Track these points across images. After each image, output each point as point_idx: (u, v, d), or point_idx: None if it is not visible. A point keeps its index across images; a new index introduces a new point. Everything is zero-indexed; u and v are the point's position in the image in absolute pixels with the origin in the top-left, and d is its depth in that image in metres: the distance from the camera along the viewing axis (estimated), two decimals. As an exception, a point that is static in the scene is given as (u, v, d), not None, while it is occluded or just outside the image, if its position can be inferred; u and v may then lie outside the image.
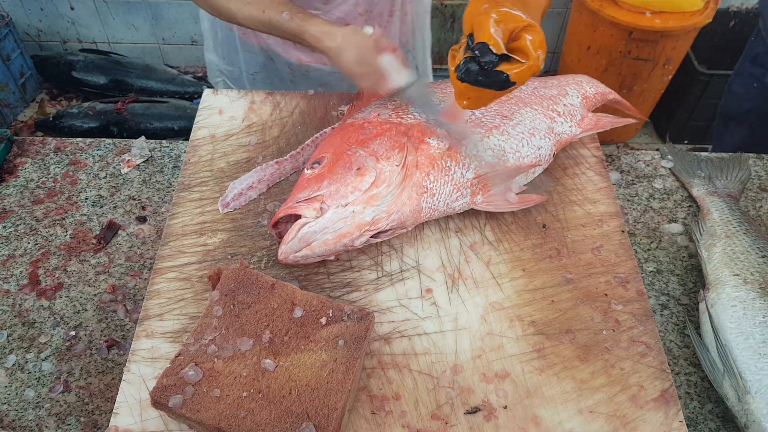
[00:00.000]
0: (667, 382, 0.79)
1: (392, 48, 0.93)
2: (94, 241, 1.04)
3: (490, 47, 0.75)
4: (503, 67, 0.75)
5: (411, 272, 0.89)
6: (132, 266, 1.00)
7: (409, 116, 0.96)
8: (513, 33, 0.77)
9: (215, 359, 0.72)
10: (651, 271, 1.02)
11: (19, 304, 0.96)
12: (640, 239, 1.06)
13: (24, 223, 1.06)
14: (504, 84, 0.77)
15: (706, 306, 0.91)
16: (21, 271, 0.99)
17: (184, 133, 2.61)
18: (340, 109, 1.12)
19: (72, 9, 2.93)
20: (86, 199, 1.10)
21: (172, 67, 3.08)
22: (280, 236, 0.87)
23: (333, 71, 1.29)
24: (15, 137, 1.19)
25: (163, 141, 1.20)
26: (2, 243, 1.03)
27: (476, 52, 0.75)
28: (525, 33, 0.77)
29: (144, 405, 0.75)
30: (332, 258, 0.88)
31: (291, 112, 1.10)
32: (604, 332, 0.83)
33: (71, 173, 1.14)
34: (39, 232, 1.05)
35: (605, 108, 1.14)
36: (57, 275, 0.99)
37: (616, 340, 0.82)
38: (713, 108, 2.63)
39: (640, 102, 2.65)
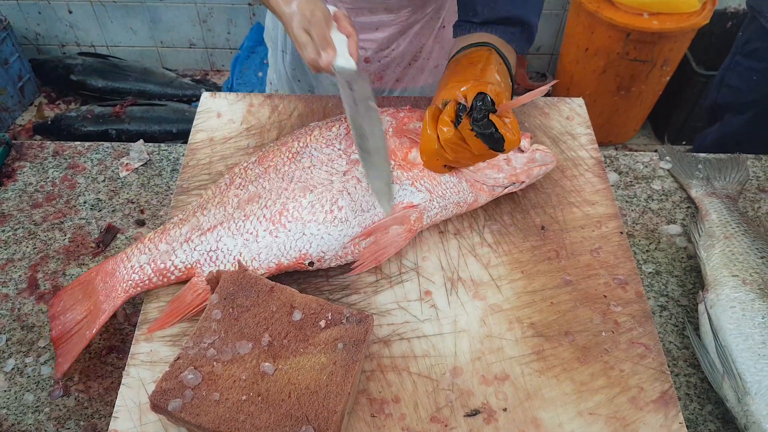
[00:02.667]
0: (666, 384, 0.79)
1: (349, 32, 0.89)
2: (93, 245, 1.04)
3: (490, 99, 0.81)
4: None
5: (410, 274, 0.89)
6: (131, 270, 1.00)
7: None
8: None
9: (214, 363, 0.72)
10: (650, 273, 1.02)
11: (18, 308, 0.95)
12: (639, 240, 1.06)
13: (23, 227, 1.06)
14: (498, 145, 0.82)
15: (705, 307, 0.91)
16: (20, 275, 0.99)
17: (183, 136, 2.61)
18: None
19: (70, 12, 2.93)
20: (85, 202, 1.10)
21: (170, 70, 3.08)
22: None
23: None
24: (13, 141, 1.19)
25: (162, 144, 1.20)
26: (1, 247, 1.03)
27: (479, 102, 0.80)
28: (503, 117, 0.83)
29: (143, 409, 0.75)
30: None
31: (289, 114, 1.10)
32: (604, 334, 0.83)
33: (70, 177, 1.14)
34: (38, 236, 1.05)
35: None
36: (56, 279, 0.99)
37: (615, 342, 0.82)
38: (708, 114, 2.65)
39: (638, 103, 2.66)
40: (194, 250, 0.86)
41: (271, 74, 1.46)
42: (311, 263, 0.87)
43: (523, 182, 0.95)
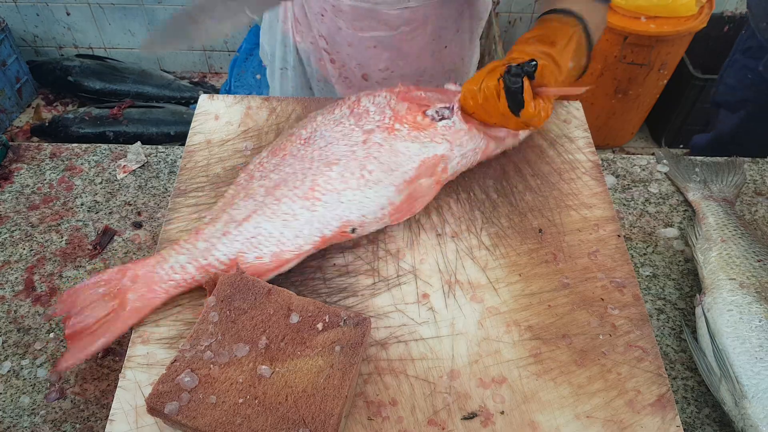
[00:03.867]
0: (664, 387, 0.79)
1: None
2: (90, 247, 1.03)
3: (534, 65, 0.86)
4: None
5: (407, 277, 0.89)
6: (128, 272, 1.00)
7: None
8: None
9: (211, 365, 0.72)
10: (647, 276, 1.02)
11: (15, 311, 0.95)
12: (636, 244, 1.06)
13: (19, 229, 1.06)
14: (518, 106, 0.86)
15: (703, 310, 0.91)
16: (16, 277, 0.99)
17: (180, 139, 2.61)
18: None
19: (68, 14, 2.93)
20: (82, 204, 1.10)
21: (168, 72, 3.08)
22: None
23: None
24: (11, 143, 1.19)
25: (159, 146, 1.20)
26: (-3, 249, 1.03)
27: (524, 65, 0.85)
28: (541, 96, 0.88)
29: (140, 411, 0.75)
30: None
31: (287, 117, 1.10)
32: (601, 337, 0.83)
33: (67, 179, 1.13)
34: (34, 238, 1.04)
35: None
36: (52, 281, 0.99)
37: (612, 345, 0.82)
38: (709, 112, 2.65)
39: (635, 106, 2.66)
40: (235, 240, 0.86)
41: (273, 93, 1.46)
42: (353, 230, 0.89)
43: (517, 136, 1.03)
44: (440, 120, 0.95)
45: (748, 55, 1.74)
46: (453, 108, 0.96)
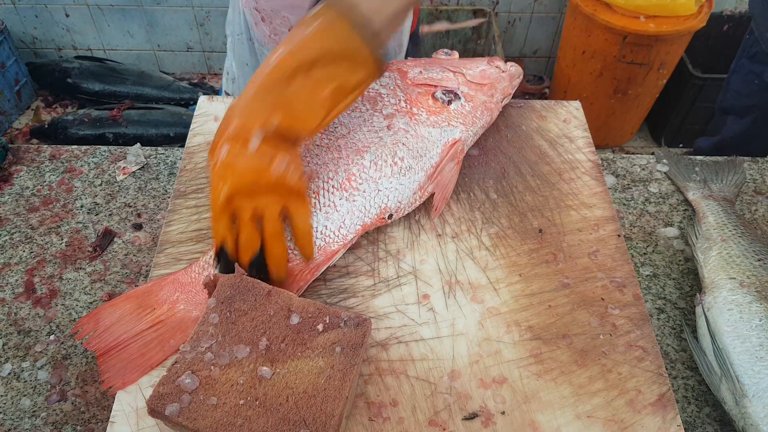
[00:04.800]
0: (664, 386, 0.79)
1: None
2: (90, 249, 1.03)
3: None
4: None
5: (408, 278, 0.89)
6: (128, 274, 1.00)
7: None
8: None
9: (212, 367, 0.72)
10: (647, 275, 1.02)
11: (15, 313, 0.95)
12: (636, 243, 1.07)
13: (19, 231, 1.06)
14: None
15: (703, 310, 0.91)
16: (16, 280, 0.99)
17: (180, 140, 2.61)
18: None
19: (67, 16, 2.93)
20: (82, 206, 1.10)
21: (167, 73, 3.08)
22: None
23: None
24: (10, 145, 1.19)
25: (159, 148, 1.20)
26: (-3, 251, 1.03)
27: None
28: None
29: (140, 413, 0.75)
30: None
31: (287, 118, 1.10)
32: (601, 336, 0.83)
33: (67, 181, 1.13)
34: (34, 240, 1.04)
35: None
36: (52, 283, 0.99)
37: (613, 345, 0.82)
38: (708, 111, 2.65)
39: (635, 106, 2.67)
40: None
41: (228, 63, 1.42)
42: (390, 216, 0.91)
43: (510, 94, 1.07)
44: (449, 103, 0.97)
45: (755, 61, 1.72)
46: (458, 90, 0.99)
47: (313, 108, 0.78)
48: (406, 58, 1.34)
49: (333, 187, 0.90)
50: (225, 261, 0.80)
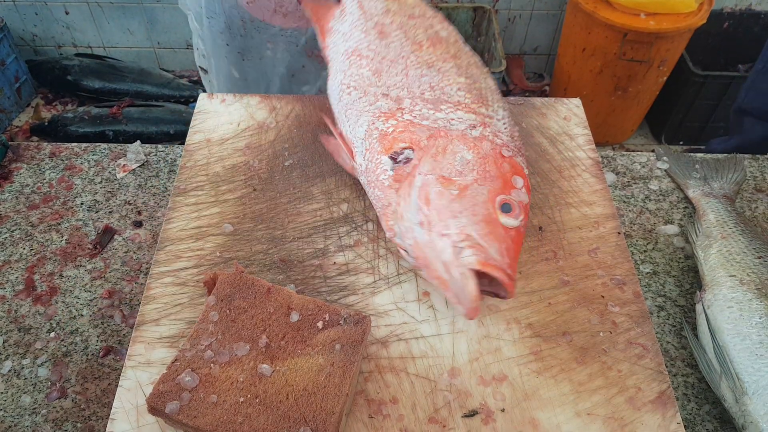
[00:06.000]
0: (664, 384, 0.79)
1: None
2: (90, 246, 1.03)
3: None
4: None
5: (408, 275, 0.89)
6: (128, 271, 1.00)
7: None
8: None
9: (212, 365, 0.72)
10: (647, 273, 1.02)
11: (15, 310, 0.95)
12: (637, 241, 1.07)
13: (19, 229, 1.06)
14: None
15: (703, 307, 0.91)
16: (17, 277, 0.99)
17: (180, 137, 2.61)
18: None
19: (67, 13, 2.93)
20: (82, 204, 1.10)
21: (167, 71, 3.08)
22: None
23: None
24: (10, 142, 1.19)
25: (159, 145, 1.20)
26: (-3, 249, 1.03)
27: None
28: None
29: (140, 411, 0.75)
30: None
31: (287, 115, 1.10)
32: (601, 334, 0.83)
33: (67, 178, 1.13)
34: (34, 238, 1.04)
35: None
36: (53, 281, 0.99)
37: (613, 342, 0.82)
38: (708, 109, 2.65)
39: (635, 103, 2.66)
40: None
41: (196, 40, 1.41)
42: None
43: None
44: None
45: None
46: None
47: None
48: None
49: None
50: None
